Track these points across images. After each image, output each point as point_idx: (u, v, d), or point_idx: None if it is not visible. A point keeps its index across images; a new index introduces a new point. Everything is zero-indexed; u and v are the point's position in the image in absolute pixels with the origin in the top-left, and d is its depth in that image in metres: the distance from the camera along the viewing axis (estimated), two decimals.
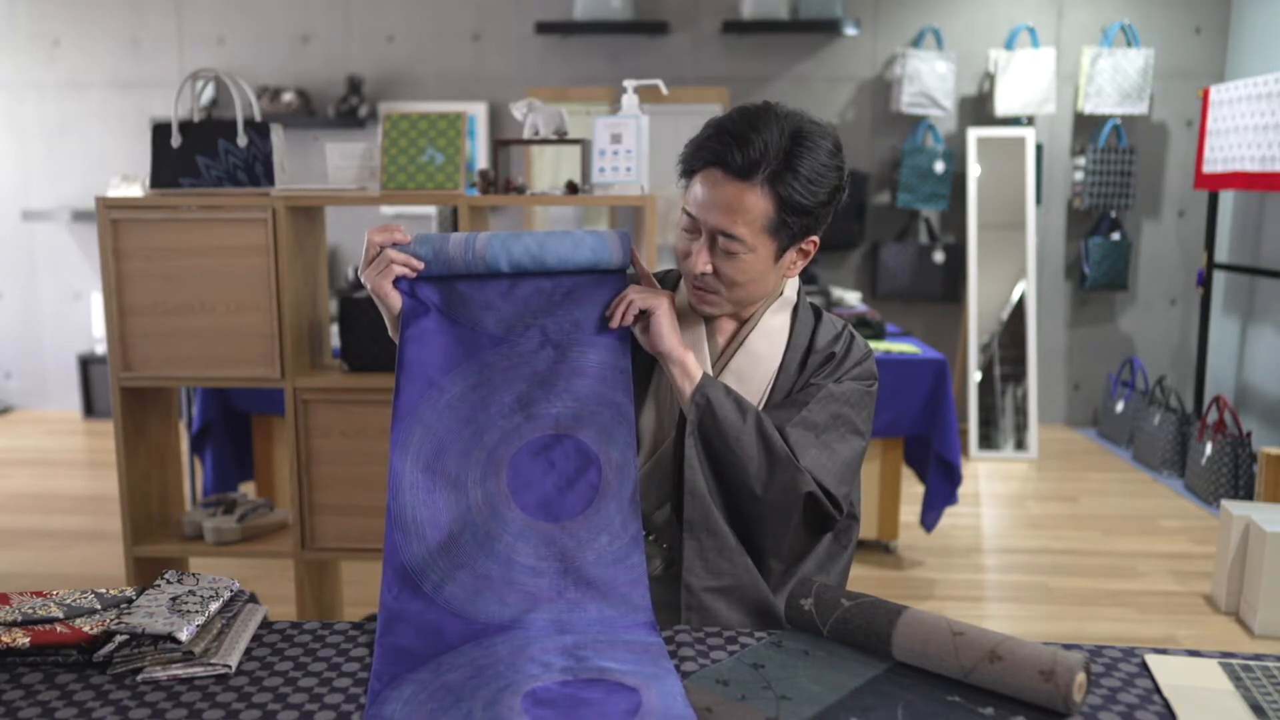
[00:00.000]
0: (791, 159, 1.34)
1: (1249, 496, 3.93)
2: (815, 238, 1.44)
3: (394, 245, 1.36)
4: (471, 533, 1.30)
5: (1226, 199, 4.96)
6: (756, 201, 1.35)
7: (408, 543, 1.29)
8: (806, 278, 4.68)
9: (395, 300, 1.37)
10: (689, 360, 1.38)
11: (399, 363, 1.35)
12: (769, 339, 1.50)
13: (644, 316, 1.38)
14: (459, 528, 1.30)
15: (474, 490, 1.32)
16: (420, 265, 1.36)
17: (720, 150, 1.36)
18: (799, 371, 1.50)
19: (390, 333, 1.42)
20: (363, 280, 1.38)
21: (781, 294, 1.52)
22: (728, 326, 1.52)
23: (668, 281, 1.58)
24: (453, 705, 1.07)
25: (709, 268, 1.40)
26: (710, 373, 1.45)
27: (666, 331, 1.38)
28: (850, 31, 4.99)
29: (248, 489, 3.82)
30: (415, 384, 1.35)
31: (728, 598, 1.37)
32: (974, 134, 5.02)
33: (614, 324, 1.36)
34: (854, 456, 1.45)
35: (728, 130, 1.36)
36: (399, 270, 1.36)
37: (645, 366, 1.48)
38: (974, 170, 5.02)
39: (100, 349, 5.44)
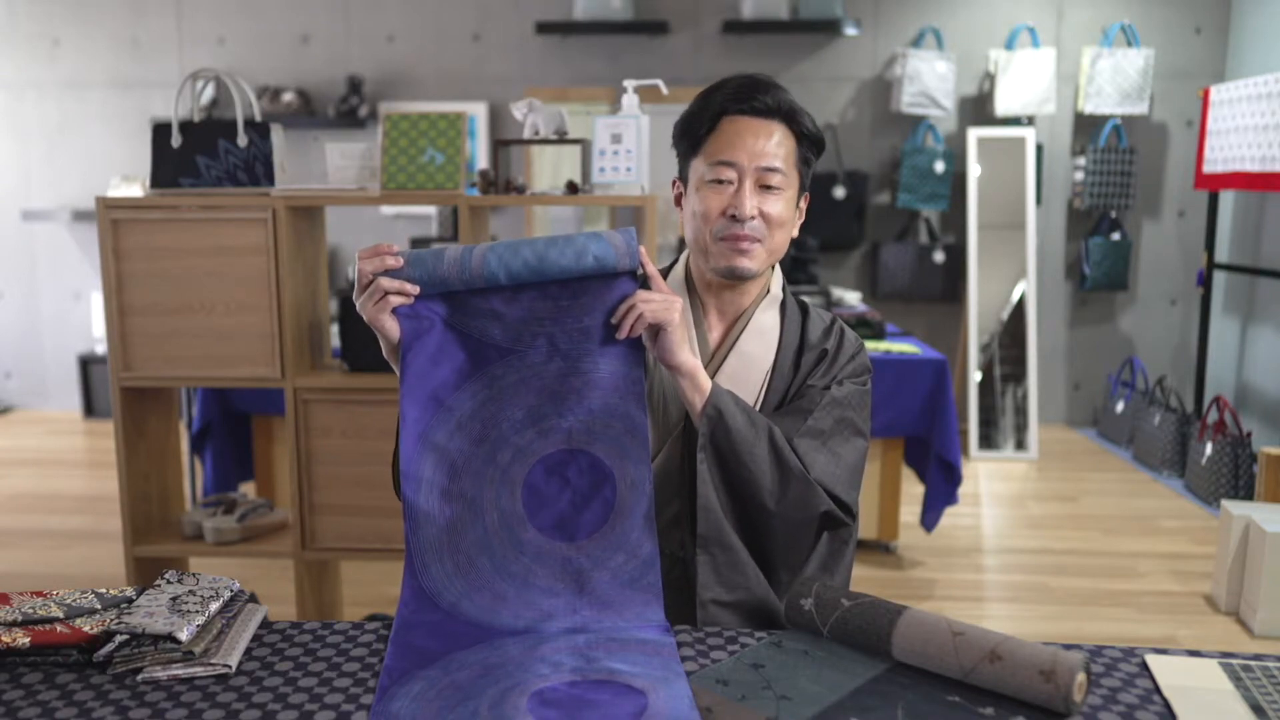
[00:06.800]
0: (793, 103, 1.47)
1: (1249, 496, 3.93)
2: (807, 193, 1.52)
3: (385, 271, 1.30)
4: (489, 556, 1.30)
5: (1226, 199, 4.96)
6: (784, 137, 1.44)
7: (426, 568, 1.29)
8: (807, 278, 4.68)
9: (394, 330, 1.31)
10: (700, 373, 1.35)
11: (403, 387, 1.31)
12: (761, 338, 1.49)
13: (654, 327, 1.33)
14: (476, 551, 1.29)
15: (490, 513, 1.31)
16: (415, 290, 1.30)
17: (747, 94, 1.43)
18: (793, 370, 1.49)
19: (386, 356, 1.36)
20: (358, 310, 1.33)
21: (769, 291, 1.52)
22: (718, 328, 1.51)
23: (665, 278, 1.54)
24: (460, 703, 1.07)
25: (756, 211, 1.42)
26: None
27: (678, 344, 1.33)
28: (850, 31, 4.99)
29: (248, 489, 3.81)
30: (424, 408, 1.32)
31: (740, 611, 1.37)
32: (974, 134, 5.02)
33: (621, 335, 1.31)
34: (859, 459, 1.45)
35: (742, 81, 1.44)
36: (395, 301, 1.30)
37: None
38: (974, 170, 5.02)
39: (100, 349, 5.44)
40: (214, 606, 1.22)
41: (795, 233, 1.50)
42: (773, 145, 1.42)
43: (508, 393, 1.33)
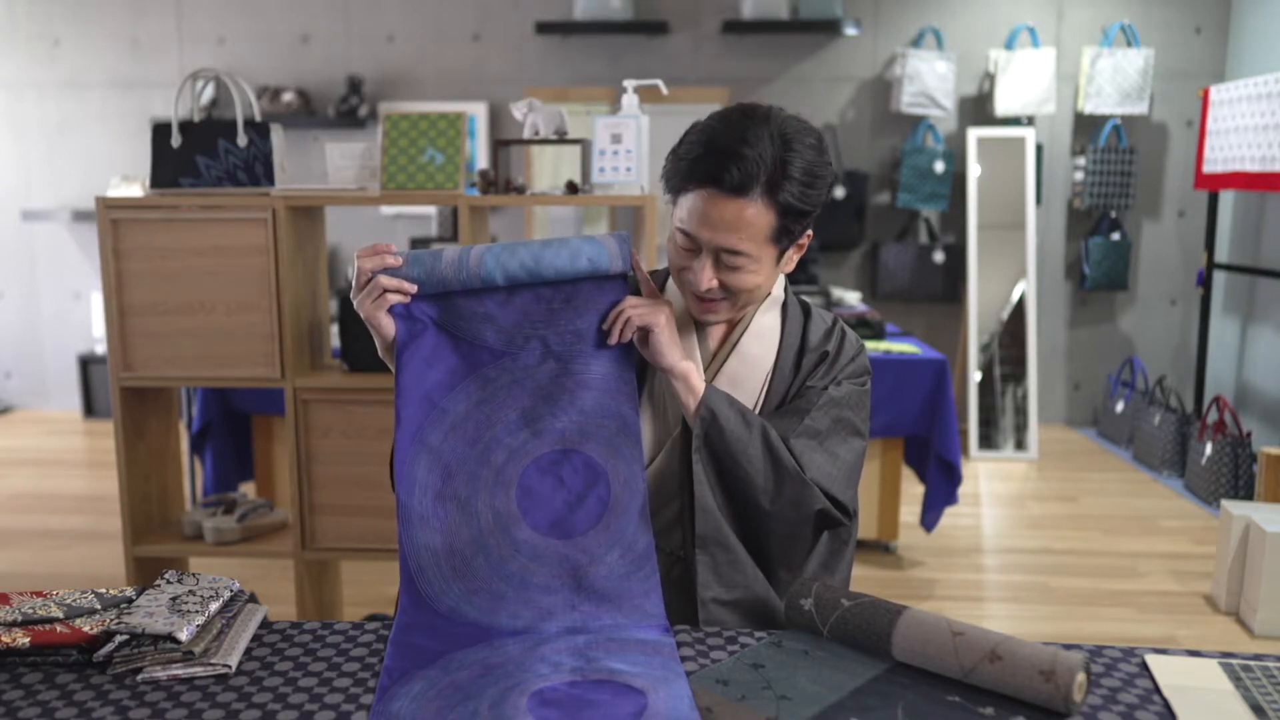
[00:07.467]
0: (785, 165, 1.30)
1: (1249, 496, 3.93)
2: (810, 231, 1.43)
3: (384, 269, 1.31)
4: (484, 556, 1.30)
5: (1226, 199, 4.96)
6: (758, 215, 1.31)
7: (422, 571, 1.29)
8: (807, 278, 4.68)
9: (390, 328, 1.33)
10: (692, 373, 1.36)
11: (398, 388, 1.32)
12: (761, 340, 1.48)
13: (643, 330, 1.35)
14: (471, 552, 1.30)
15: (484, 513, 1.31)
16: (413, 289, 1.32)
17: (713, 169, 1.30)
18: (794, 372, 1.48)
19: (381, 355, 1.38)
20: (356, 308, 1.34)
21: (769, 293, 1.50)
22: (718, 329, 1.50)
23: (657, 279, 1.54)
24: (460, 703, 1.07)
25: (714, 283, 1.37)
26: (705, 380, 1.45)
27: (668, 346, 1.34)
28: (850, 31, 4.99)
29: (248, 489, 3.81)
30: (418, 409, 1.33)
31: (740, 609, 1.37)
32: (974, 134, 5.02)
33: (612, 340, 1.33)
34: (857, 459, 1.45)
35: (717, 147, 1.31)
36: (393, 298, 1.31)
37: (638, 372, 1.46)
38: (974, 170, 5.02)
39: (100, 349, 5.44)
40: (214, 606, 1.22)
41: (790, 268, 1.45)
42: (741, 225, 1.31)
43: (501, 394, 1.34)
